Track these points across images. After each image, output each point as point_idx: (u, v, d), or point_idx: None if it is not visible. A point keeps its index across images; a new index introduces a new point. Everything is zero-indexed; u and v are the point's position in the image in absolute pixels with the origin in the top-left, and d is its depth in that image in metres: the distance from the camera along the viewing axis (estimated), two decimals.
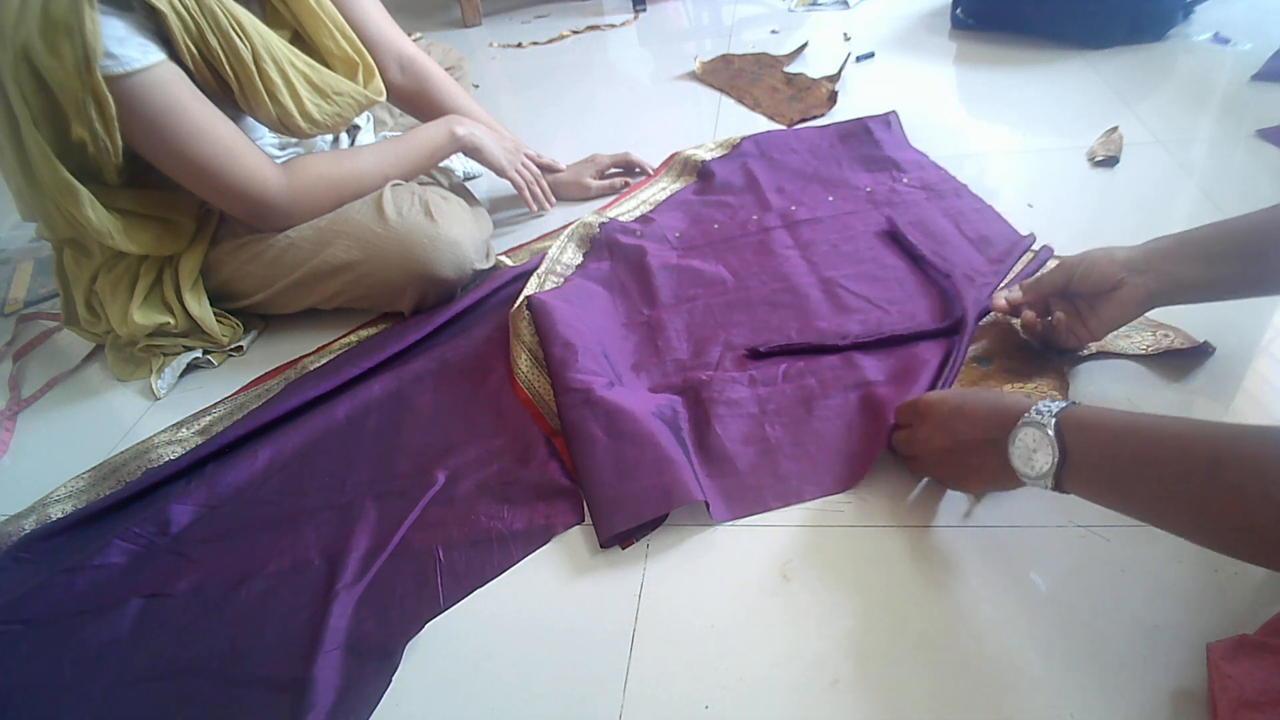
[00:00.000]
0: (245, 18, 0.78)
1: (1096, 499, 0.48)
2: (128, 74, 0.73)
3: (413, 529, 0.66)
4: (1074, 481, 0.48)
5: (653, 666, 0.54)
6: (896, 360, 0.74)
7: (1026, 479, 0.50)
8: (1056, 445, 0.47)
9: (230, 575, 0.66)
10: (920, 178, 1.02)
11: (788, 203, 1.01)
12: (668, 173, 1.15)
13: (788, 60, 1.47)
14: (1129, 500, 0.46)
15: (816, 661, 0.52)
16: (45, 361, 1.03)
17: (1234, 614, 0.50)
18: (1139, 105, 1.11)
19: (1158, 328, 0.72)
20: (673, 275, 0.91)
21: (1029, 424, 0.49)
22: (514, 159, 1.05)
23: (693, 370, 0.77)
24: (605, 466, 0.65)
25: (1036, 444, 0.48)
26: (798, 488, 0.64)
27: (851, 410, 0.70)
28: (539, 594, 0.61)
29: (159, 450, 0.81)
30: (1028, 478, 0.49)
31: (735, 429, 0.70)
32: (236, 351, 0.96)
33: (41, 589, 0.67)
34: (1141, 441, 0.45)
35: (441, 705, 0.54)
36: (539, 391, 0.77)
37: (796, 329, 0.80)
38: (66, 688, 0.60)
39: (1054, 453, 0.47)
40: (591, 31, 1.84)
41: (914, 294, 0.82)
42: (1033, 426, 0.48)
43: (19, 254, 1.31)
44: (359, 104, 0.90)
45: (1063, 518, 0.58)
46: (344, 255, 0.88)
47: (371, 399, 0.81)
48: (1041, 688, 0.49)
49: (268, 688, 0.56)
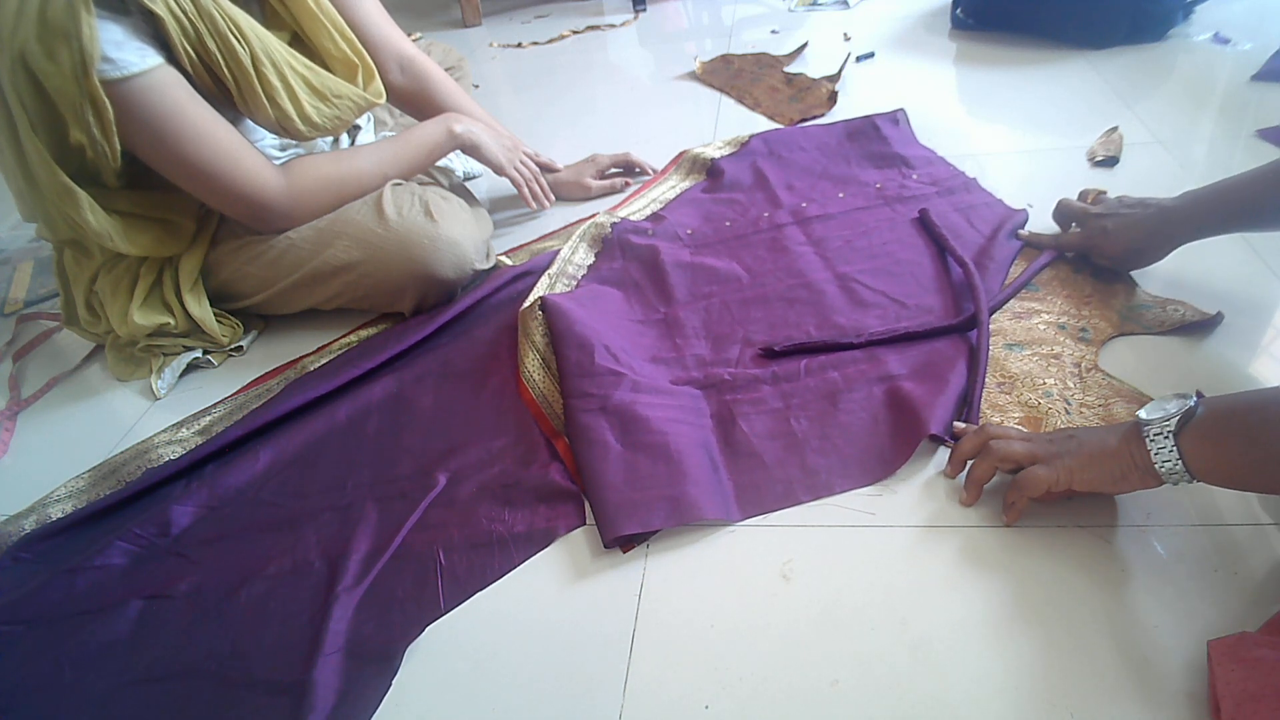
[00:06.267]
0: (244, 20, 0.78)
1: (1223, 453, 0.47)
2: (126, 78, 0.72)
3: (414, 531, 0.66)
4: (1203, 429, 0.48)
5: (653, 666, 0.54)
6: (919, 354, 0.74)
7: (1154, 428, 0.50)
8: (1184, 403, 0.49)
9: (230, 577, 0.66)
10: (929, 174, 1.02)
11: (798, 199, 1.01)
12: (676, 170, 1.16)
13: (788, 60, 1.47)
14: (1262, 445, 0.46)
15: (816, 661, 0.52)
16: (45, 361, 1.02)
17: (1234, 613, 0.50)
18: (1139, 105, 1.11)
19: (1167, 303, 0.74)
20: (687, 273, 0.91)
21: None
22: (512, 157, 1.05)
23: (714, 367, 0.77)
24: (616, 473, 0.65)
25: (1169, 398, 0.50)
26: (827, 481, 0.64)
27: (877, 404, 0.70)
28: (539, 594, 0.61)
29: (159, 450, 0.81)
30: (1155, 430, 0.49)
31: (760, 425, 0.70)
32: (236, 351, 0.96)
33: (41, 589, 0.67)
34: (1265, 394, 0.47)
35: (442, 705, 0.54)
36: (544, 392, 0.77)
37: (815, 325, 0.80)
38: (66, 688, 0.60)
39: (1183, 403, 0.49)
40: (591, 31, 1.84)
41: (930, 288, 0.83)
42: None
43: (19, 254, 1.31)
44: (358, 106, 0.90)
45: (1063, 518, 0.58)
46: (344, 256, 0.88)
47: (372, 400, 0.81)
48: (1042, 687, 0.49)
49: (268, 690, 0.56)
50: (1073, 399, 0.67)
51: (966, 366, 0.71)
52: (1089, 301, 0.77)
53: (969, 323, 0.74)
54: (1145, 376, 0.68)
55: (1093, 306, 0.76)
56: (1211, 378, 0.67)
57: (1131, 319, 0.74)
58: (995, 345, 0.74)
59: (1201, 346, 0.70)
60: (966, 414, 0.67)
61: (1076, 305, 0.77)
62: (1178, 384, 0.67)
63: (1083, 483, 0.53)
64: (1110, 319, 0.74)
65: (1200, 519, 0.56)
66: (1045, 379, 0.69)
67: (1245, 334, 0.71)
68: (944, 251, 0.86)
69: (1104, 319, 0.74)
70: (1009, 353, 0.73)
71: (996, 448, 0.58)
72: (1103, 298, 0.77)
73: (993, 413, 0.67)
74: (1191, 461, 0.48)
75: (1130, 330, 0.73)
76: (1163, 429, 0.49)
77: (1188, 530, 0.56)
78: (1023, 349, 0.73)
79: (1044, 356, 0.72)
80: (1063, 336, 0.73)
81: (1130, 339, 0.72)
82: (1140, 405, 0.65)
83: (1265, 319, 0.72)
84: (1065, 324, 0.75)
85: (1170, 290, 0.77)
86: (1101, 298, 0.77)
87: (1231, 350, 0.70)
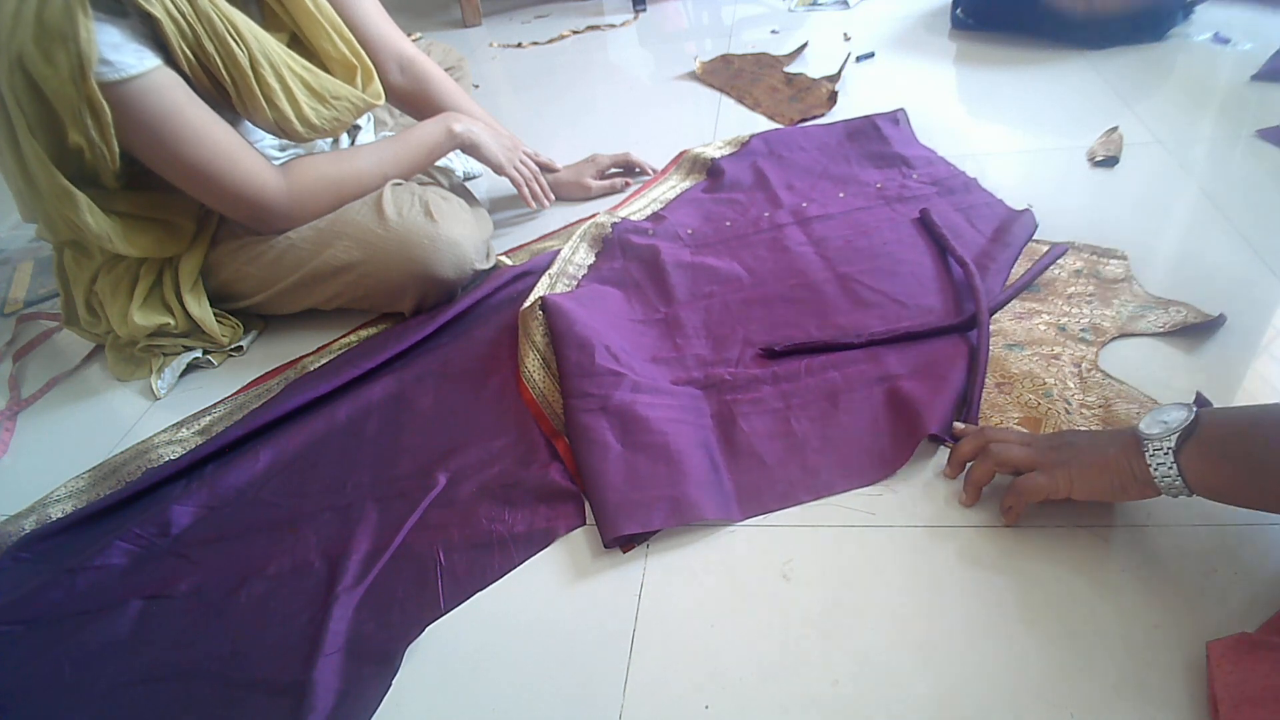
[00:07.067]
0: (242, 22, 0.77)
1: (1222, 470, 0.47)
2: (124, 80, 0.72)
3: (414, 531, 0.66)
4: (1202, 446, 0.48)
5: (653, 666, 0.54)
6: (919, 354, 0.74)
7: (1153, 444, 0.49)
8: (1187, 410, 0.49)
9: (230, 577, 0.66)
10: (930, 173, 1.02)
11: (799, 199, 1.01)
12: (677, 170, 1.16)
13: (788, 60, 1.47)
14: (1260, 463, 0.46)
15: (816, 661, 0.52)
16: (45, 361, 1.03)
17: (1234, 614, 0.50)
18: (1139, 105, 1.11)
19: (1169, 304, 0.74)
20: (687, 273, 0.91)
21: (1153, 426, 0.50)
22: (512, 156, 1.05)
23: (714, 367, 0.77)
24: (616, 473, 0.65)
25: (1168, 410, 0.50)
26: (827, 481, 0.64)
27: (877, 404, 0.70)
28: (539, 594, 0.61)
29: (159, 450, 0.81)
30: (1156, 441, 0.49)
31: (761, 425, 0.70)
32: (236, 351, 0.96)
33: (41, 589, 0.67)
34: (1264, 411, 0.47)
35: (442, 705, 0.54)
36: (544, 392, 0.77)
37: (816, 325, 0.80)
38: (66, 688, 0.60)
39: (1187, 412, 0.48)
40: (591, 31, 1.84)
41: (930, 289, 0.82)
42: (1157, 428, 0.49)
43: (19, 254, 1.31)
44: (357, 108, 0.89)
45: (1063, 518, 0.58)
46: (344, 256, 0.88)
47: (372, 400, 0.81)
48: (1042, 688, 0.49)
49: (267, 690, 0.56)
50: (1073, 399, 0.67)
51: (966, 367, 0.71)
52: (1090, 302, 0.77)
53: (969, 323, 0.74)
54: (1146, 377, 0.68)
55: (1094, 307, 0.76)
56: (1212, 378, 0.67)
57: (1132, 320, 0.74)
58: (995, 345, 0.74)
59: (1202, 347, 0.70)
60: (966, 414, 0.67)
61: (1077, 306, 0.77)
62: (1178, 384, 0.67)
63: (1082, 492, 0.53)
64: (1111, 320, 0.74)
65: (1200, 519, 0.56)
66: (1045, 379, 0.69)
67: (1245, 334, 0.71)
68: (944, 251, 0.86)
69: (1105, 320, 0.74)
70: (1009, 353, 0.73)
71: (996, 451, 0.58)
72: (1104, 299, 0.77)
73: (992, 413, 0.67)
74: (1191, 477, 0.48)
75: (1131, 331, 0.73)
76: (1162, 445, 0.48)
77: (1188, 530, 0.56)
78: (1023, 349, 0.73)
79: (1044, 357, 0.72)
80: (1063, 337, 0.73)
81: (1131, 340, 0.72)
82: (1140, 406, 0.65)
83: (1265, 319, 0.72)
84: (1066, 325, 0.75)
85: (1171, 291, 0.77)
86: (1103, 299, 0.77)
87: (1232, 351, 0.69)
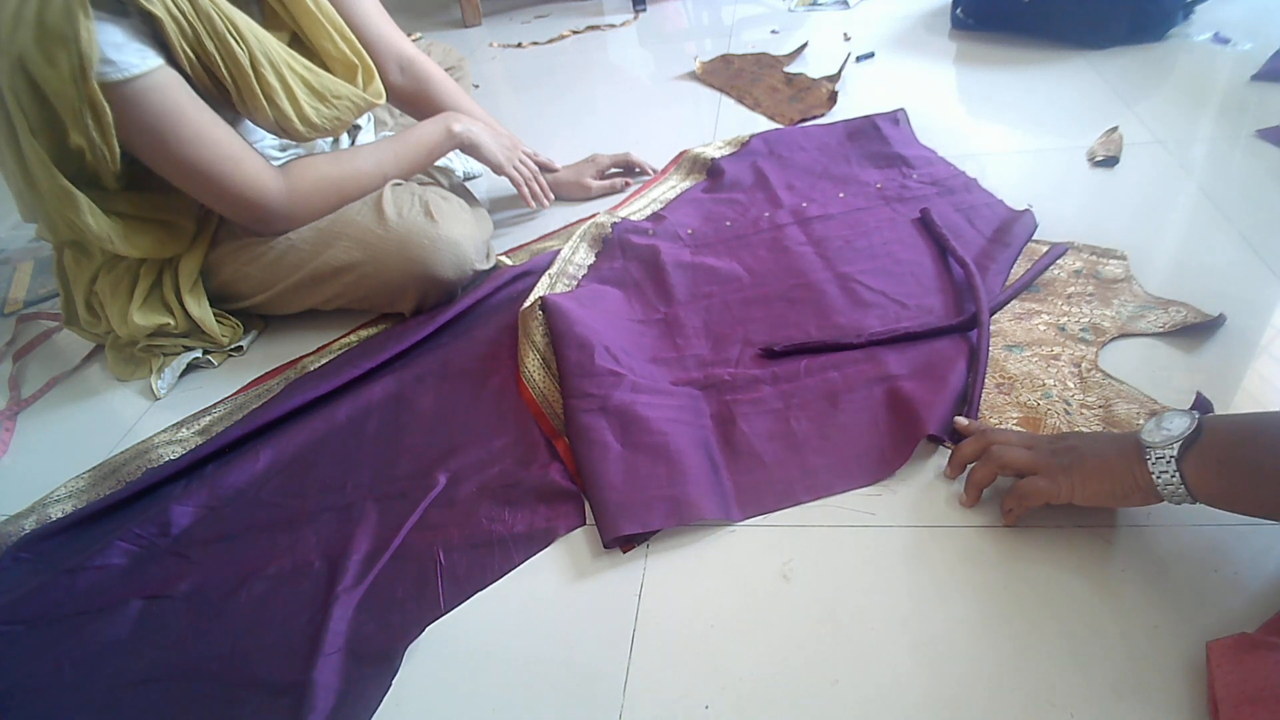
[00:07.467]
0: (242, 21, 0.77)
1: (1225, 478, 0.47)
2: (126, 80, 0.72)
3: (413, 531, 0.66)
4: (1205, 454, 0.47)
5: (653, 666, 0.54)
6: (919, 354, 0.74)
7: (1155, 452, 0.49)
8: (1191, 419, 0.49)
9: (230, 577, 0.66)
10: (930, 174, 1.02)
11: (798, 200, 1.01)
12: (677, 170, 1.16)
13: (788, 60, 1.47)
14: (1263, 471, 0.46)
15: (816, 661, 0.52)
16: (45, 361, 1.03)
17: (1234, 614, 0.50)
18: (1139, 105, 1.11)
19: (1169, 304, 0.74)
20: (687, 273, 0.91)
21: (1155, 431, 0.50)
22: (512, 156, 1.05)
23: (713, 367, 0.77)
24: (616, 473, 0.65)
25: (1171, 417, 0.50)
26: (826, 481, 0.64)
27: (877, 404, 0.70)
28: (539, 594, 0.61)
29: (159, 450, 0.81)
30: (1158, 449, 0.49)
31: (760, 425, 0.70)
32: (236, 351, 0.96)
33: (41, 589, 0.67)
34: (1267, 419, 0.47)
35: (442, 705, 0.54)
36: (544, 392, 0.77)
37: (815, 325, 0.80)
38: (66, 688, 0.60)
39: (1190, 420, 0.48)
40: (591, 31, 1.84)
41: (930, 289, 0.83)
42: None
43: (19, 254, 1.31)
44: (358, 107, 0.89)
45: (1063, 518, 0.58)
46: (344, 256, 0.88)
47: (372, 400, 0.81)
48: (1042, 687, 0.49)
49: (267, 691, 0.56)
50: (1073, 400, 0.67)
51: (966, 367, 0.71)
52: (1090, 302, 0.77)
53: (969, 323, 0.74)
54: (1146, 377, 0.68)
55: (1094, 307, 0.76)
56: (1212, 378, 0.67)
57: (1132, 320, 0.74)
58: (995, 346, 0.74)
59: (1202, 347, 0.70)
60: (966, 414, 0.67)
61: (1077, 306, 0.77)
62: (1178, 384, 0.67)
63: (1084, 498, 0.53)
64: (1111, 320, 0.74)
65: (1200, 519, 0.56)
66: (1045, 380, 0.69)
67: (1245, 334, 0.71)
68: (945, 252, 0.86)
69: (1105, 320, 0.74)
70: (1009, 354, 0.73)
71: (998, 454, 0.58)
72: (1104, 299, 0.77)
73: (991, 414, 0.67)
74: (1193, 485, 0.48)
75: (1131, 331, 0.73)
76: (1165, 453, 0.48)
77: (1188, 530, 0.56)
78: (1023, 350, 0.73)
79: (1044, 357, 0.72)
80: (1063, 337, 0.73)
81: (1131, 340, 0.72)
82: (1140, 406, 0.65)
83: (1265, 319, 0.72)
84: (1066, 325, 0.75)
85: (1171, 291, 0.77)
86: (1102, 299, 0.77)
87: (1232, 350, 0.69)
